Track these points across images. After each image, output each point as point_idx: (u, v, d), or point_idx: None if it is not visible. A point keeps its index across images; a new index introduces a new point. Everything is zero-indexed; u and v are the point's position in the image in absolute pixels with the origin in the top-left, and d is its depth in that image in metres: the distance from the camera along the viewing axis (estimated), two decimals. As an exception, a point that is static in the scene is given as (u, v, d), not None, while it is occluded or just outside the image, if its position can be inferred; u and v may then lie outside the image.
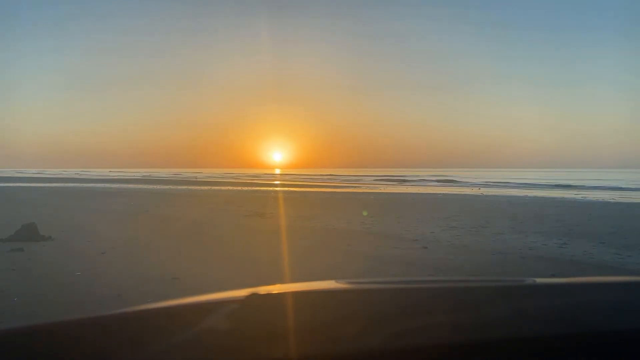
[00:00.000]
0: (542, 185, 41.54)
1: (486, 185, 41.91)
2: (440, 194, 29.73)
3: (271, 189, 36.27)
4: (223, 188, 35.35)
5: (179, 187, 36.68)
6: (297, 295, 0.84)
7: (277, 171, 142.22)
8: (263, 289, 0.81)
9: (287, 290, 0.87)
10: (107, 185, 37.96)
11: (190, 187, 36.12)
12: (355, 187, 41.89)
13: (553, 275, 6.34)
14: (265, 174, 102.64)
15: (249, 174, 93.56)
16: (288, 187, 40.42)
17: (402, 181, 55.24)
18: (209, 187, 36.18)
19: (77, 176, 67.70)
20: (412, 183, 50.02)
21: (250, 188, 36.24)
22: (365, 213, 12.80)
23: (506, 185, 43.60)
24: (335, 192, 32.13)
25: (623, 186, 39.80)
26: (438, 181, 54.63)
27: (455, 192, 31.48)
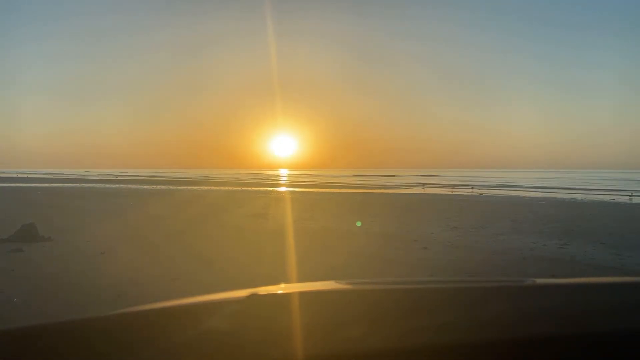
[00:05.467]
0: (542, 186, 41.53)
1: (485, 185, 41.88)
2: (440, 194, 29.72)
3: (273, 189, 36.26)
4: (224, 188, 35.33)
5: (180, 187, 36.67)
6: (297, 295, 0.84)
7: (281, 171, 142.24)
8: (263, 289, 0.81)
9: (287, 291, 0.87)
10: (107, 185, 37.96)
11: (191, 188, 36.11)
12: (356, 187, 41.88)
13: (553, 276, 6.34)
14: (268, 174, 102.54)
15: (251, 174, 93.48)
16: (290, 187, 40.42)
17: (403, 181, 55.24)
18: (210, 188, 36.16)
19: (76, 176, 67.68)
20: (413, 183, 50.01)
21: (252, 188, 36.23)
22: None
23: (506, 185, 43.59)
24: (336, 192, 32.13)
25: (623, 187, 39.79)
26: (438, 182, 54.63)
27: (455, 193, 31.47)
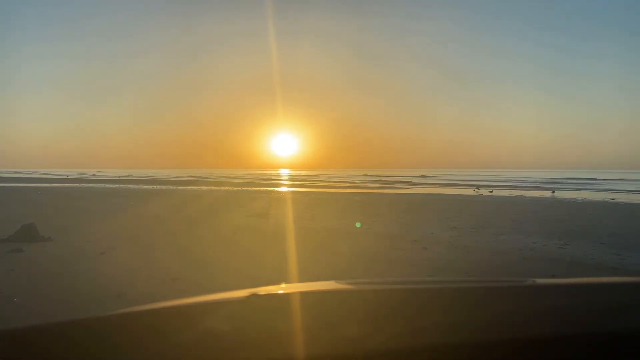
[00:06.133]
0: (542, 186, 41.54)
1: (485, 185, 41.89)
2: (440, 194, 29.73)
3: (273, 189, 36.26)
4: (225, 188, 35.32)
5: (180, 187, 36.67)
6: (297, 295, 0.84)
7: (282, 171, 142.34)
8: (263, 290, 0.81)
9: (287, 291, 0.87)
10: (107, 185, 37.96)
11: (191, 188, 36.11)
12: (356, 187, 41.90)
13: (553, 276, 6.34)
14: (268, 174, 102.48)
15: (252, 175, 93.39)
16: (290, 187, 40.43)
17: (403, 181, 55.27)
18: (210, 188, 36.15)
19: (76, 177, 67.67)
20: (413, 183, 50.04)
21: (252, 188, 36.23)
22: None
23: (506, 186, 43.60)
24: (336, 192, 32.13)
25: (623, 187, 39.80)
26: (438, 181, 54.69)
27: (455, 193, 31.48)
